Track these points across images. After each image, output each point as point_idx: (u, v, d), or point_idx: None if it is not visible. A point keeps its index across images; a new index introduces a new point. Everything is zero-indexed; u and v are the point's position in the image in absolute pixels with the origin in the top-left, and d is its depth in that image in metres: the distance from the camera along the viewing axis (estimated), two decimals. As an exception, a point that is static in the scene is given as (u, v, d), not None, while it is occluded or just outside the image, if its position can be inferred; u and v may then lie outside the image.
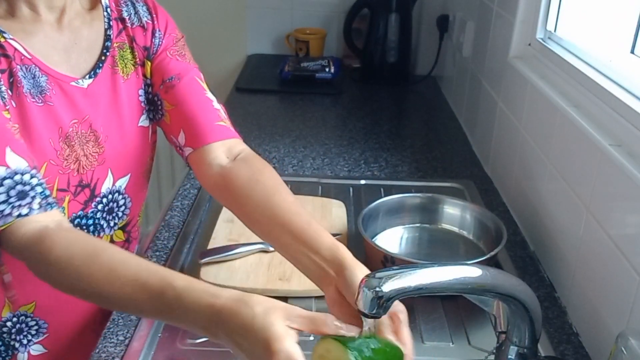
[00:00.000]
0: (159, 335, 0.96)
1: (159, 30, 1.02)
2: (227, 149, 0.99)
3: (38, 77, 0.88)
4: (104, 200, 1.00)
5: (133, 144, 1.02)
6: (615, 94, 0.95)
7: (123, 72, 0.99)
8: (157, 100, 1.02)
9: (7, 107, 0.84)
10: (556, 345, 0.96)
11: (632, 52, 0.98)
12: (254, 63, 2.37)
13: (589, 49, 1.13)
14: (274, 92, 2.10)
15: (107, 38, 0.97)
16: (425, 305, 1.04)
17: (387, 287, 0.67)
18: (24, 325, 0.99)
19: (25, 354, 1.01)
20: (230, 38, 2.44)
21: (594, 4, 1.19)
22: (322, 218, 1.26)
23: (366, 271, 0.77)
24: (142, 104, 1.02)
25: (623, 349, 0.71)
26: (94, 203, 0.99)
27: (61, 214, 0.86)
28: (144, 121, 1.03)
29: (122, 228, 1.07)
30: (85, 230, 0.99)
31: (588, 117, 1.01)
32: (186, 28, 1.01)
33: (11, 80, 0.85)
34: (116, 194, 1.02)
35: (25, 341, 1.00)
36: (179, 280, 0.72)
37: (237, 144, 1.01)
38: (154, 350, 0.93)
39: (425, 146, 1.70)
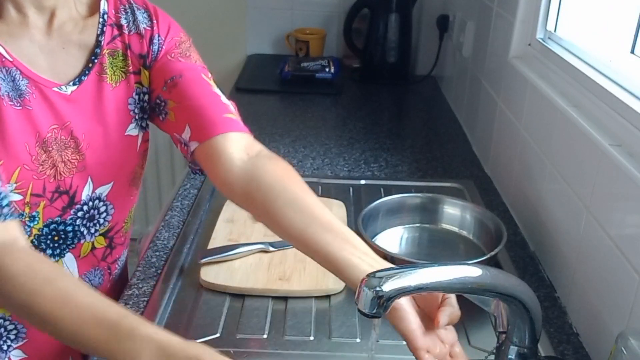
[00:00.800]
0: (159, 335, 0.96)
1: (159, 36, 0.99)
2: (245, 144, 0.95)
3: (18, 81, 0.87)
4: (85, 207, 0.98)
5: (117, 153, 0.99)
6: (615, 94, 0.95)
7: (111, 80, 0.96)
8: (160, 103, 0.99)
9: None
10: (556, 345, 0.96)
11: (632, 52, 0.98)
12: (254, 63, 2.37)
13: (589, 49, 1.13)
14: (274, 92, 2.10)
15: (97, 44, 0.95)
16: (425, 305, 1.04)
17: (387, 286, 0.67)
18: (2, 329, 0.97)
19: (6, 359, 0.99)
20: (230, 38, 2.44)
21: (594, 4, 1.19)
22: (322, 218, 1.26)
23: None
24: (131, 113, 1.00)
25: (623, 349, 0.71)
26: (73, 210, 0.96)
27: (19, 230, 0.82)
28: (131, 130, 1.00)
29: (104, 234, 1.04)
30: (63, 236, 0.97)
31: (588, 117, 1.01)
32: (186, 28, 1.01)
33: None
34: (97, 201, 1.00)
35: (5, 347, 0.98)
36: (134, 316, 0.73)
37: (254, 142, 0.98)
38: (154, 350, 0.93)
39: (425, 146, 1.70)
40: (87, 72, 0.94)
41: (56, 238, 0.97)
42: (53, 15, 0.91)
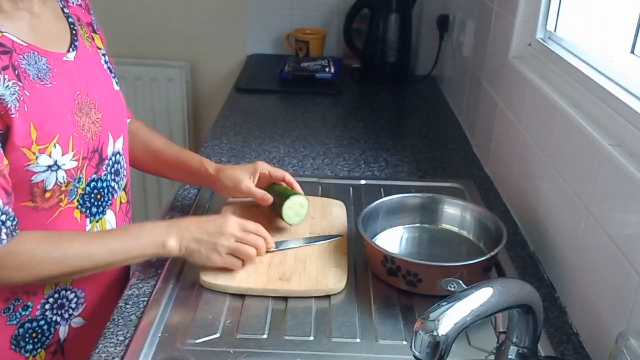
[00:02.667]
0: (159, 335, 0.96)
1: (89, 8, 1.14)
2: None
3: (39, 61, 0.94)
4: (110, 162, 1.08)
5: (117, 107, 1.12)
6: (615, 94, 0.95)
7: (88, 45, 1.08)
8: None
9: (22, 98, 0.90)
10: (556, 345, 0.96)
11: (632, 52, 0.98)
12: (254, 63, 2.37)
13: (589, 49, 1.13)
14: (274, 92, 2.10)
15: (67, 15, 1.05)
16: (425, 305, 1.03)
17: (445, 327, 0.65)
18: (64, 300, 1.06)
19: (67, 327, 1.07)
20: (230, 38, 2.44)
21: (594, 4, 1.19)
22: (322, 218, 1.26)
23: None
24: (108, 72, 1.12)
25: (623, 349, 0.71)
26: (103, 166, 1.06)
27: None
28: (115, 86, 1.13)
29: (124, 189, 1.15)
30: (102, 193, 1.07)
31: (588, 117, 1.01)
32: (186, 28, 1.02)
33: (16, 72, 0.90)
34: (117, 155, 1.11)
35: (66, 315, 1.07)
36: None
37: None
38: (154, 350, 0.93)
39: (425, 146, 1.70)
40: (75, 38, 1.04)
41: (99, 196, 1.07)
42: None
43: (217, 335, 0.96)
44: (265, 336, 0.96)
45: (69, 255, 0.94)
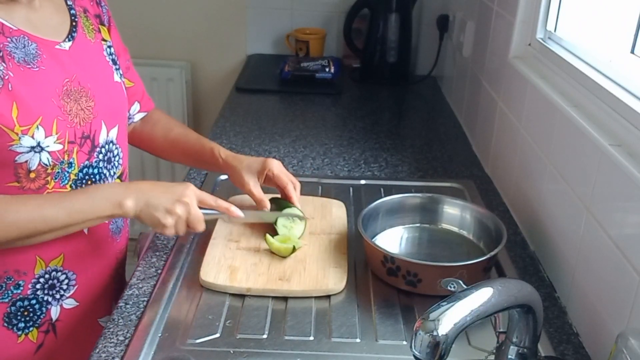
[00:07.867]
0: (159, 335, 0.96)
1: (102, 2, 1.16)
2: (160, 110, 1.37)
3: (28, 46, 0.97)
4: (103, 150, 1.10)
5: (115, 98, 1.13)
6: (615, 94, 0.95)
7: (90, 37, 1.10)
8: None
9: (7, 77, 0.92)
10: (556, 345, 0.96)
11: (632, 52, 0.98)
12: (254, 63, 2.37)
13: (589, 49, 1.13)
14: (274, 92, 2.10)
15: (69, 7, 1.07)
16: (425, 305, 1.04)
17: (445, 327, 0.65)
18: (55, 280, 1.06)
19: (58, 307, 1.08)
20: (230, 38, 2.44)
21: (594, 4, 1.19)
22: (322, 218, 1.26)
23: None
24: (110, 64, 1.13)
25: (623, 349, 0.71)
26: (95, 153, 1.08)
27: None
28: (116, 78, 1.14)
29: (120, 177, 1.17)
30: (94, 180, 1.08)
31: (588, 117, 1.01)
32: (186, 28, 1.02)
33: (0, 54, 0.93)
34: (111, 144, 1.12)
35: (58, 296, 1.08)
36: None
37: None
38: (154, 350, 0.93)
39: (425, 146, 1.70)
40: (74, 29, 1.06)
41: (89, 182, 1.08)
42: None
43: (217, 335, 0.96)
44: (265, 336, 0.96)
45: (22, 218, 0.93)
